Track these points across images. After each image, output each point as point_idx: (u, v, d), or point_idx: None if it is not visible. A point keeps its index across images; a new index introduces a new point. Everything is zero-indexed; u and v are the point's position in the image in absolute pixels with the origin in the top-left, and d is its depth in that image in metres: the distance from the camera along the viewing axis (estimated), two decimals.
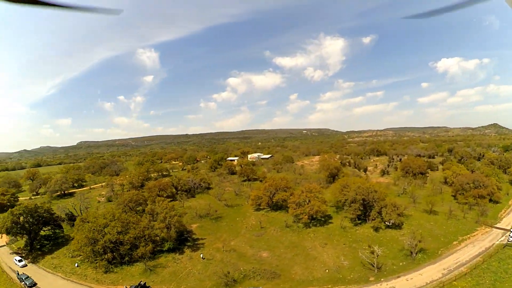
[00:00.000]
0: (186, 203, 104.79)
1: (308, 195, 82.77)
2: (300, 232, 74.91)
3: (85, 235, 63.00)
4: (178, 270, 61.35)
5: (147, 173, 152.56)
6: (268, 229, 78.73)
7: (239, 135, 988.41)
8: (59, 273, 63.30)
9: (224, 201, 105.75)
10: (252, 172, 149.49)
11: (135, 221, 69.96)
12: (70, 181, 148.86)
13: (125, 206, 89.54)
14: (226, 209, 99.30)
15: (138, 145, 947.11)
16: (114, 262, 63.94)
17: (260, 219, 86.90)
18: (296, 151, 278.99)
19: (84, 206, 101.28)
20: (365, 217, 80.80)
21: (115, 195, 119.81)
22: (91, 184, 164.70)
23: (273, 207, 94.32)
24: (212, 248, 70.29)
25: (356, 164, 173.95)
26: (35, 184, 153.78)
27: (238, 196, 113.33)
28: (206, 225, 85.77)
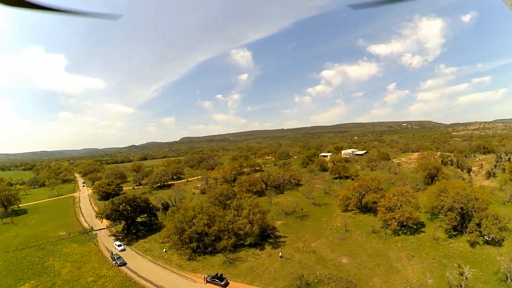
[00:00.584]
0: (274, 199, 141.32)
1: (400, 198, 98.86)
2: (387, 239, 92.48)
3: (174, 225, 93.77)
4: (255, 265, 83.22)
5: (240, 168, 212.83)
6: (353, 233, 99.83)
7: (334, 129, 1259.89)
8: (148, 256, 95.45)
9: (312, 199, 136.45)
10: (344, 170, 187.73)
11: (221, 215, 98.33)
12: (169, 174, 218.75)
13: (215, 199, 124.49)
14: (313, 207, 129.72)
15: (236, 140, 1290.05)
16: (197, 251, 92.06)
17: (346, 221, 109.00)
18: (393, 146, 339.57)
19: (178, 197, 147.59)
20: (462, 229, 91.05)
21: (208, 188, 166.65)
22: (189, 177, 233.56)
23: (362, 209, 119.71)
24: (293, 247, 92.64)
25: (459, 163, 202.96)
26: (138, 176, 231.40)
27: (327, 195, 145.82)
28: (290, 223, 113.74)
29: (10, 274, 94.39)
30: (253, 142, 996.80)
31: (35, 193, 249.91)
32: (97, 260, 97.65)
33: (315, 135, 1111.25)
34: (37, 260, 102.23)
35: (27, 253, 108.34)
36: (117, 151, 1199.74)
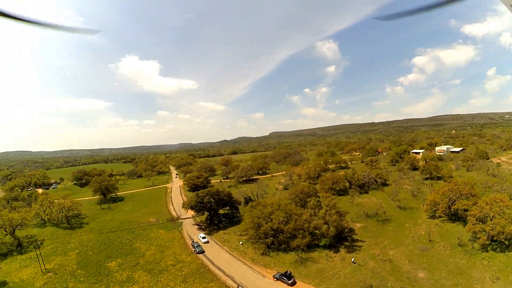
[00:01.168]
0: (357, 199, 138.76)
1: (493, 208, 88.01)
2: (473, 255, 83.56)
3: (252, 219, 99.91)
4: (326, 268, 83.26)
5: (324, 165, 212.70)
6: (437, 244, 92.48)
7: (429, 121, 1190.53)
8: (225, 247, 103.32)
9: (398, 201, 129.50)
10: (436, 169, 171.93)
11: (298, 213, 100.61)
12: (255, 169, 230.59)
13: (296, 196, 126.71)
14: (397, 211, 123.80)
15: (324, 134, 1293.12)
16: (272, 247, 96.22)
17: (431, 229, 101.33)
18: (493, 143, 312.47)
19: (261, 192, 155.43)
20: None
21: (291, 184, 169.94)
22: (274, 172, 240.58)
23: (451, 217, 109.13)
24: (368, 253, 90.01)
25: None
26: (226, 170, 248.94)
27: (415, 197, 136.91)
28: (370, 226, 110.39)
29: (101, 252, 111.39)
30: (342, 137, 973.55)
31: (132, 183, 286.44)
32: (179, 246, 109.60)
33: (408, 129, 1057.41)
34: (127, 241, 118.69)
35: (119, 235, 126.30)
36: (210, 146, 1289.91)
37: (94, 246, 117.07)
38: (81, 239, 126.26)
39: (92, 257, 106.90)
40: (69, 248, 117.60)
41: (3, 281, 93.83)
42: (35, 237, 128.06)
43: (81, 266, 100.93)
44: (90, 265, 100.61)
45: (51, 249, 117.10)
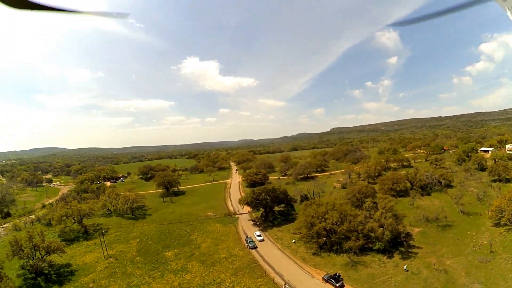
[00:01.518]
0: (418, 201, 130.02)
1: None
2: None
3: (305, 218, 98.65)
4: (377, 274, 79.74)
5: (385, 163, 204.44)
6: (498, 256, 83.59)
7: (501, 115, 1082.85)
8: (278, 244, 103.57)
9: (461, 205, 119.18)
10: (505, 171, 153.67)
11: (353, 214, 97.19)
12: (313, 166, 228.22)
13: (353, 196, 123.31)
14: (459, 216, 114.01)
15: (388, 130, 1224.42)
16: (324, 247, 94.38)
17: (494, 239, 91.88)
18: None
19: (317, 191, 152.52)
20: None
21: (350, 183, 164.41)
22: (332, 169, 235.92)
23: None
24: (424, 261, 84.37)
25: None
26: (284, 167, 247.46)
27: (481, 202, 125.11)
28: (429, 232, 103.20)
29: (160, 241, 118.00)
30: (407, 132, 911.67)
31: (194, 178, 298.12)
32: (233, 240, 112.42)
33: (477, 123, 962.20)
34: (185, 233, 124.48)
35: (178, 227, 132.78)
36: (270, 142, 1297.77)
37: (154, 236, 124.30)
38: (143, 229, 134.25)
39: (151, 246, 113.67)
40: (131, 236, 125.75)
41: (67, 263, 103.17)
42: (101, 226, 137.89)
43: (140, 253, 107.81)
44: (149, 253, 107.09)
45: (115, 237, 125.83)
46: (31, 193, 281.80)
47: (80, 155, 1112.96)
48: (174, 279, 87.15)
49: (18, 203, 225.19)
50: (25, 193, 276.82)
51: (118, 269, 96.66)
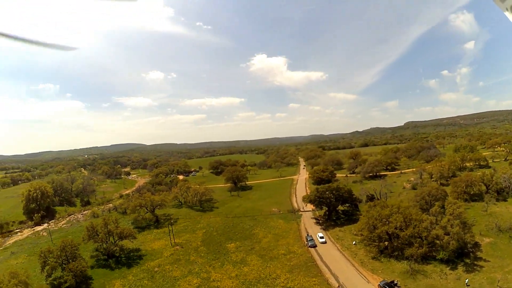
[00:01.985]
0: (492, 207, 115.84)
1: None
2: None
3: (367, 220, 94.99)
4: (436, 286, 74.01)
5: (461, 162, 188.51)
6: None
7: None
8: (338, 244, 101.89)
9: None
10: None
11: (418, 219, 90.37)
12: (383, 164, 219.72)
13: (421, 198, 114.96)
14: None
15: (467, 123, 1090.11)
16: (384, 252, 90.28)
17: None
18: None
19: (385, 191, 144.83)
20: None
21: (421, 184, 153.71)
22: (404, 168, 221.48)
23: None
24: (488, 276, 75.57)
25: None
26: (352, 164, 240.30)
27: None
28: (500, 243, 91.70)
29: (224, 234, 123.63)
30: (487, 126, 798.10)
31: (262, 173, 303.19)
32: (294, 237, 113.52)
33: None
34: (248, 227, 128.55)
35: (242, 221, 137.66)
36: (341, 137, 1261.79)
37: (219, 228, 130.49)
38: (209, 221, 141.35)
39: (215, 237, 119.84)
40: (198, 227, 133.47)
41: (137, 248, 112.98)
42: (171, 216, 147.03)
43: (204, 243, 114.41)
44: (212, 244, 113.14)
45: (183, 227, 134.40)
46: (110, 184, 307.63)
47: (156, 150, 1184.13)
48: (232, 270, 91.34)
49: (97, 193, 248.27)
50: (104, 184, 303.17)
51: (182, 256, 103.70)
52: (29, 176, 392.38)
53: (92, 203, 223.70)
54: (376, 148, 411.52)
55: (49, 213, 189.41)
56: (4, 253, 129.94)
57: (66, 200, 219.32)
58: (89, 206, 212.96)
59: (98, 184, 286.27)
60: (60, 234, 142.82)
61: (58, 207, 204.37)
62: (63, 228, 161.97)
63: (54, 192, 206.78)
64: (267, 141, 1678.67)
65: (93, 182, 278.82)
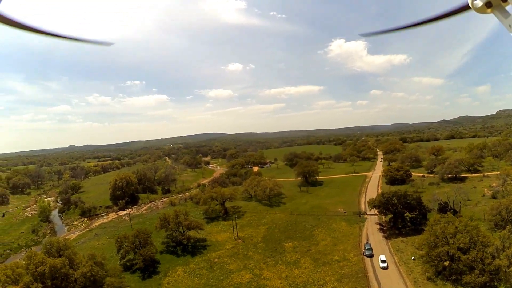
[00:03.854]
0: None
1: None
2: None
3: (429, 236, 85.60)
4: None
5: None
6: None
7: None
8: (395, 257, 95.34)
9: None
10: None
11: (484, 242, 79.24)
12: (465, 164, 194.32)
13: (497, 213, 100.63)
14: None
15: None
16: (442, 273, 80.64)
17: None
18: None
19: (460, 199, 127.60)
20: None
21: (502, 192, 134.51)
22: (487, 170, 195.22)
23: None
24: None
25: None
26: (432, 162, 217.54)
27: None
28: None
29: (284, 232, 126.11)
30: None
31: (336, 167, 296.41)
32: (352, 243, 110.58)
33: None
34: (309, 227, 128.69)
35: (305, 220, 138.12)
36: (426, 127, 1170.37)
37: (282, 225, 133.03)
38: (274, 217, 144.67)
39: (275, 235, 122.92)
40: (262, 222, 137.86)
41: (204, 238, 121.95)
42: (239, 209, 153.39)
43: (264, 240, 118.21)
44: (271, 241, 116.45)
45: (248, 221, 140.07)
46: (190, 173, 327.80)
47: (237, 139, 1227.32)
48: (283, 271, 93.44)
49: (178, 182, 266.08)
50: (185, 173, 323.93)
51: (241, 250, 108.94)
52: (118, 164, 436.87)
53: (172, 191, 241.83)
54: (463, 142, 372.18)
55: (133, 199, 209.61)
56: (89, 234, 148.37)
57: (148, 188, 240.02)
58: (169, 194, 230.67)
59: (179, 173, 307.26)
60: (139, 220, 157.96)
61: (141, 194, 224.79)
62: (143, 214, 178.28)
63: (138, 181, 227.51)
64: (347, 130, 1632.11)
65: (175, 172, 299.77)
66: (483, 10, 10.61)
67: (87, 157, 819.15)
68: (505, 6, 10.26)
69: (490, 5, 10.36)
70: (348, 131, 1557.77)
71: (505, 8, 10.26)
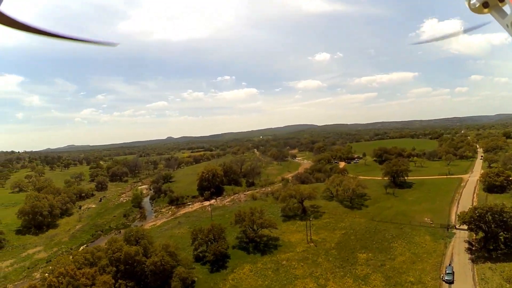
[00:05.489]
0: None
1: None
2: None
3: None
4: None
5: None
6: None
7: None
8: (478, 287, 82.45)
9: None
10: None
11: None
12: None
13: None
14: None
15: None
16: None
17: None
18: None
19: None
20: None
21: None
22: None
23: None
24: None
25: None
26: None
27: None
28: None
29: (361, 240, 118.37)
30: None
31: (429, 166, 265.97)
32: (432, 263, 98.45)
33: None
34: (389, 237, 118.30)
35: (386, 228, 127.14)
36: None
37: (359, 231, 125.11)
38: (353, 221, 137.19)
39: (350, 242, 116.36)
40: (339, 226, 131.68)
41: (277, 237, 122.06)
42: (318, 209, 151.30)
43: (338, 246, 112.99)
44: (345, 249, 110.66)
45: (325, 223, 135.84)
46: (276, 167, 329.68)
47: (326, 131, 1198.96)
48: (350, 285, 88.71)
49: (262, 175, 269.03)
50: (271, 166, 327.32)
51: (311, 255, 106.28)
52: (209, 155, 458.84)
53: (256, 184, 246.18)
54: None
55: (218, 190, 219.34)
56: (173, 221, 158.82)
57: (233, 180, 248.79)
58: (252, 187, 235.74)
59: (264, 166, 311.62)
60: (220, 212, 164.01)
61: (227, 186, 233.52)
62: (225, 205, 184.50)
63: (224, 173, 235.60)
64: (445, 122, 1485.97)
65: (260, 165, 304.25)
66: (480, 10, 10.54)
67: (182, 148, 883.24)
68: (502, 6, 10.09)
69: (487, 5, 10.27)
70: (447, 123, 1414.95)
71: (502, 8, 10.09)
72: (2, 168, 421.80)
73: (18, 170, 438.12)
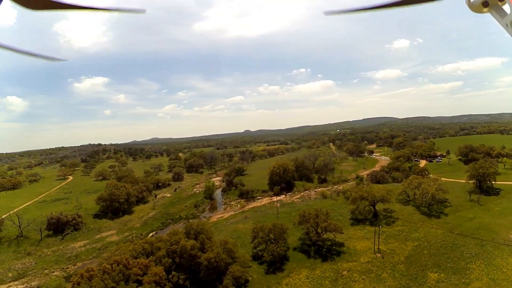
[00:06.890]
0: None
1: None
2: None
3: None
4: None
5: None
6: None
7: None
8: None
9: None
10: None
11: None
12: None
13: None
14: None
15: None
16: None
17: None
18: None
19: None
20: None
21: None
22: None
23: None
24: None
25: None
26: None
27: None
28: None
29: (434, 256, 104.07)
30: None
31: None
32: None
33: None
34: (466, 256, 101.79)
35: (465, 243, 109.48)
36: None
37: (434, 245, 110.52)
38: (428, 231, 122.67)
39: (422, 257, 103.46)
40: (412, 237, 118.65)
41: (341, 243, 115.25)
42: (391, 214, 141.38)
43: (407, 261, 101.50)
44: (414, 265, 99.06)
45: (396, 232, 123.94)
46: (351, 162, 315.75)
47: (408, 124, 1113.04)
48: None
49: (336, 171, 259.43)
50: (345, 162, 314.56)
51: (376, 268, 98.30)
52: (283, 149, 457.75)
53: (328, 181, 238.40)
54: None
55: (289, 186, 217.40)
56: (240, 215, 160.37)
57: (305, 176, 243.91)
58: (324, 184, 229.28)
59: (338, 162, 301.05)
60: (287, 209, 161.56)
61: (298, 181, 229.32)
62: (294, 202, 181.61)
63: (296, 169, 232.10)
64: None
65: (334, 160, 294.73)
66: (480, 9, 9.91)
67: (258, 141, 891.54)
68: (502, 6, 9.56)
69: (487, 4, 9.70)
70: None
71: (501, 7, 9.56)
72: (89, 158, 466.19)
73: (103, 160, 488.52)
